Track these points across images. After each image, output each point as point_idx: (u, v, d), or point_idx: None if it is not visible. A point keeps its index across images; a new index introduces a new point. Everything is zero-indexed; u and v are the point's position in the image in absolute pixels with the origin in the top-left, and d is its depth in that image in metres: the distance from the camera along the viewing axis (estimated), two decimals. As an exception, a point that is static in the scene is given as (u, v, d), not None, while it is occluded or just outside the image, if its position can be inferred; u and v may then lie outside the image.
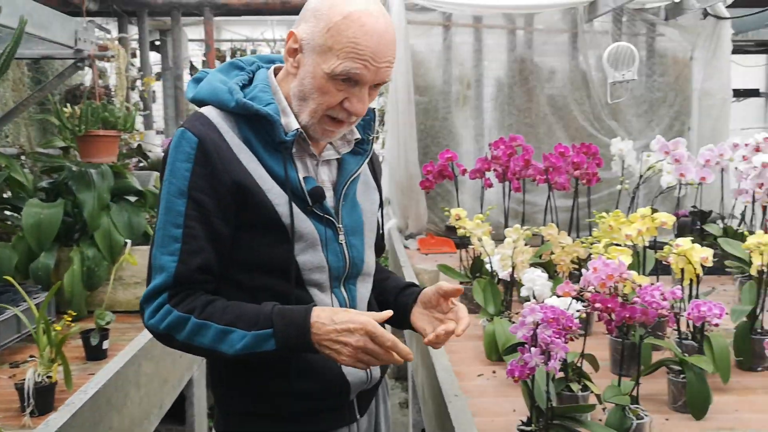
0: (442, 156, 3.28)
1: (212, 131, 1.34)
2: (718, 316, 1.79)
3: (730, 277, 3.18)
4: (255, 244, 1.35)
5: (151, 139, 4.08)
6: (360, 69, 1.30)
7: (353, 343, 1.27)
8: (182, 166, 1.31)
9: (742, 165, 3.03)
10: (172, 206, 1.31)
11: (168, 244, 1.31)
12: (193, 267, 1.31)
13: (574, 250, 2.56)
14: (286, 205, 1.34)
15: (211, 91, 1.40)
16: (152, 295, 1.32)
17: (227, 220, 1.33)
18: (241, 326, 1.29)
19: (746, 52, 6.32)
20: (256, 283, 1.37)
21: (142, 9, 4.53)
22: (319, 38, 1.31)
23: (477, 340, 2.45)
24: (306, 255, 1.37)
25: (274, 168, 1.36)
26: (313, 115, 1.36)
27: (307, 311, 1.30)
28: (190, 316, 1.30)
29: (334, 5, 1.31)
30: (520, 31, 4.63)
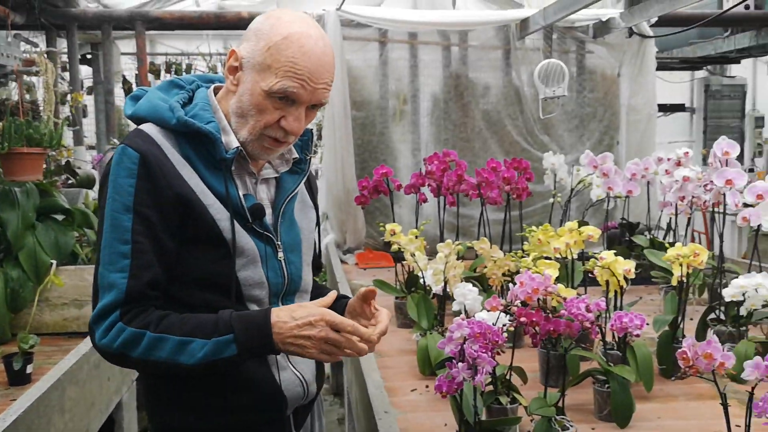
0: (377, 171, 3.30)
1: (153, 147, 1.35)
2: (639, 326, 1.85)
3: (656, 286, 3.28)
4: (196, 260, 1.36)
5: (81, 156, 3.98)
6: (297, 88, 1.33)
7: (315, 335, 1.29)
8: (125, 182, 1.31)
9: (665, 178, 3.13)
10: (118, 223, 1.31)
11: (116, 261, 1.30)
12: (144, 282, 1.31)
13: (505, 263, 2.60)
14: (227, 221, 1.36)
15: (151, 109, 1.41)
16: (103, 314, 1.30)
17: (172, 234, 1.34)
18: (200, 335, 1.30)
19: (672, 68, 6.56)
20: (196, 299, 1.37)
21: (71, 22, 4.42)
22: (259, 56, 1.34)
23: (411, 355, 2.46)
24: (246, 271, 1.39)
25: (215, 185, 1.38)
26: (251, 132, 1.38)
27: (266, 313, 1.32)
28: (145, 331, 1.29)
29: (276, 26, 1.35)
30: (454, 47, 4.71)
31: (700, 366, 1.29)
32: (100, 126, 4.94)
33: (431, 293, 2.66)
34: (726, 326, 2.36)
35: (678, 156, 3.10)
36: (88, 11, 4.48)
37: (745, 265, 2.89)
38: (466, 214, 4.35)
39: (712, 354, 1.28)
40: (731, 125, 6.72)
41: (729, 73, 6.95)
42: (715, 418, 1.41)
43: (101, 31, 4.51)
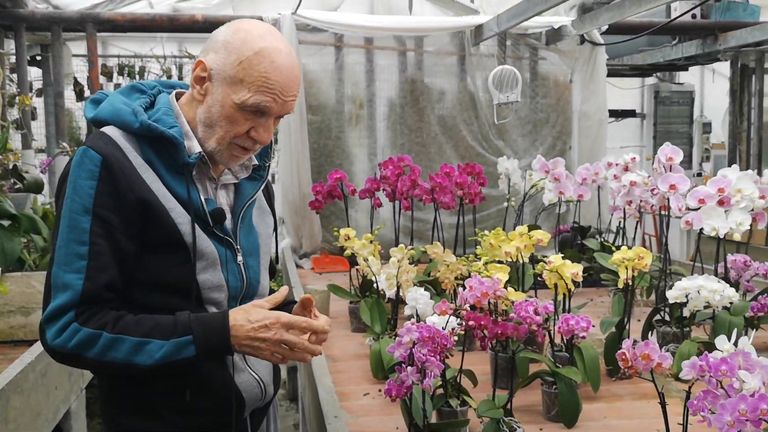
0: (332, 176, 3.31)
1: (116, 149, 1.36)
2: (585, 328, 1.89)
3: (606, 289, 3.35)
4: (156, 263, 1.38)
5: (28, 159, 3.89)
6: (269, 102, 1.37)
7: (271, 337, 1.34)
8: (86, 183, 1.32)
9: (614, 183, 3.20)
10: (77, 224, 1.31)
11: (72, 261, 1.31)
12: (101, 284, 1.32)
13: (458, 267, 2.63)
14: (188, 225, 1.38)
15: (113, 112, 1.42)
16: (56, 314, 1.30)
17: (132, 237, 1.35)
18: (158, 336, 1.31)
19: (622, 75, 6.69)
20: (156, 302, 1.38)
21: (19, 23, 4.32)
22: (230, 70, 1.37)
23: (364, 359, 2.47)
24: (206, 274, 1.41)
25: (177, 189, 1.39)
26: (220, 142, 1.41)
27: (224, 315, 1.35)
28: (101, 332, 1.30)
29: (246, 40, 1.37)
30: (410, 52, 4.74)
31: (639, 366, 1.33)
32: (50, 129, 4.83)
33: (385, 297, 2.67)
34: (671, 327, 2.42)
35: (625, 161, 3.17)
36: (37, 12, 4.39)
37: (691, 267, 2.96)
38: (421, 218, 4.39)
39: (649, 355, 1.32)
40: (680, 131, 6.88)
41: (677, 80, 7.12)
42: (658, 416, 1.45)
43: (51, 33, 4.43)
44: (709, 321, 2.41)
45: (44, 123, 5.09)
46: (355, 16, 4.80)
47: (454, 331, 1.74)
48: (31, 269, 2.86)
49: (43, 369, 2.45)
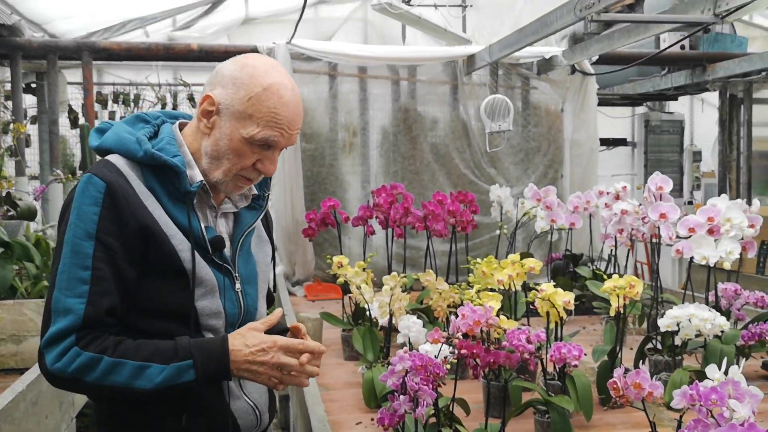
0: (325, 204, 3.32)
1: (119, 177, 1.39)
2: (577, 357, 1.90)
3: (599, 317, 3.35)
4: (156, 289, 1.39)
5: (22, 186, 3.90)
6: (277, 136, 1.42)
7: (269, 360, 1.36)
8: (90, 209, 1.34)
9: (605, 212, 3.22)
10: (80, 249, 1.33)
11: (74, 286, 1.32)
12: (103, 309, 1.33)
13: (450, 295, 2.64)
14: (188, 252, 1.40)
15: (118, 141, 1.45)
16: (57, 339, 1.31)
17: (133, 263, 1.37)
18: (159, 360, 1.33)
19: (613, 104, 6.77)
20: (154, 328, 1.39)
21: (15, 52, 4.35)
22: (239, 105, 1.41)
23: (357, 388, 2.47)
24: (204, 301, 1.43)
25: (178, 217, 1.42)
26: (226, 174, 1.45)
27: (223, 341, 1.37)
28: (102, 356, 1.31)
29: (255, 75, 1.42)
30: (403, 81, 4.79)
31: (630, 395, 1.33)
32: (44, 156, 4.85)
33: (378, 325, 2.67)
34: (662, 355, 2.42)
35: (617, 190, 3.20)
36: (34, 41, 4.43)
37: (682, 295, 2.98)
38: (414, 246, 4.40)
39: (641, 384, 1.33)
40: (671, 159, 6.95)
41: (667, 109, 7.20)
42: (650, 446, 1.46)
43: (47, 61, 4.46)
44: (701, 349, 2.41)
45: (38, 150, 5.11)
46: (349, 45, 4.86)
47: (447, 360, 1.74)
48: (23, 297, 2.85)
49: (34, 398, 2.43)
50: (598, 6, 2.87)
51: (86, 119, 4.55)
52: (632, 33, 3.68)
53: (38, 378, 2.40)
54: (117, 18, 5.38)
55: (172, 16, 5.96)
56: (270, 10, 6.37)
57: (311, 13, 6.36)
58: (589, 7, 2.92)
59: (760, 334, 2.28)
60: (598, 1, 2.89)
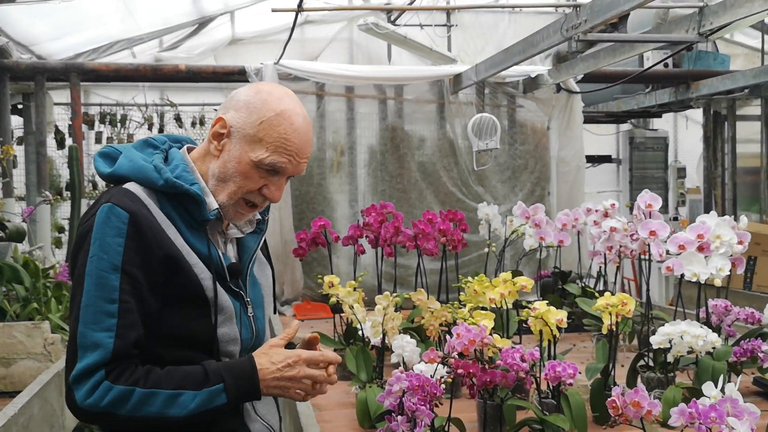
0: (315, 224, 3.32)
1: (141, 206, 1.39)
2: (572, 375, 1.90)
3: (589, 334, 3.36)
4: (178, 317, 1.41)
5: (9, 208, 3.87)
6: (285, 163, 1.44)
7: (296, 375, 1.40)
8: (114, 241, 1.34)
9: (594, 229, 3.25)
10: (106, 281, 1.33)
11: (102, 320, 1.32)
12: (131, 342, 1.34)
13: (442, 314, 2.64)
14: (209, 280, 1.42)
15: (135, 168, 1.45)
16: (85, 374, 1.31)
17: (156, 294, 1.38)
18: (190, 387, 1.34)
19: (598, 121, 6.84)
20: (175, 356, 1.40)
21: (3, 73, 4.34)
22: (251, 129, 1.43)
23: (350, 408, 2.45)
24: (224, 328, 1.45)
25: (197, 245, 1.43)
26: (231, 197, 1.46)
27: (251, 362, 1.40)
28: (134, 388, 1.32)
29: (268, 101, 1.44)
30: (390, 100, 4.81)
31: (629, 414, 1.34)
32: (30, 177, 4.82)
33: (370, 345, 2.66)
34: (655, 372, 2.43)
35: (605, 207, 3.23)
36: (21, 62, 4.42)
37: (671, 311, 3.00)
38: (403, 264, 4.40)
39: (639, 402, 1.34)
40: (655, 176, 7.02)
41: (652, 126, 7.29)
42: (646, 463, 1.46)
43: (35, 83, 4.45)
44: (693, 366, 2.43)
45: (24, 171, 5.08)
46: (336, 65, 4.88)
47: (442, 380, 1.75)
48: (13, 319, 2.82)
49: (25, 421, 2.41)
50: (584, 26, 2.91)
51: (73, 140, 4.53)
52: (617, 52, 3.74)
53: (30, 402, 2.38)
54: (104, 39, 5.38)
55: (159, 36, 5.97)
56: (256, 31, 6.40)
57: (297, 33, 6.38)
58: (576, 27, 2.97)
59: (752, 350, 2.30)
60: (585, 21, 2.93)
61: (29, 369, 2.76)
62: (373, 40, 6.06)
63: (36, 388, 2.48)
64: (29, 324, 2.73)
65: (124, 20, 5.28)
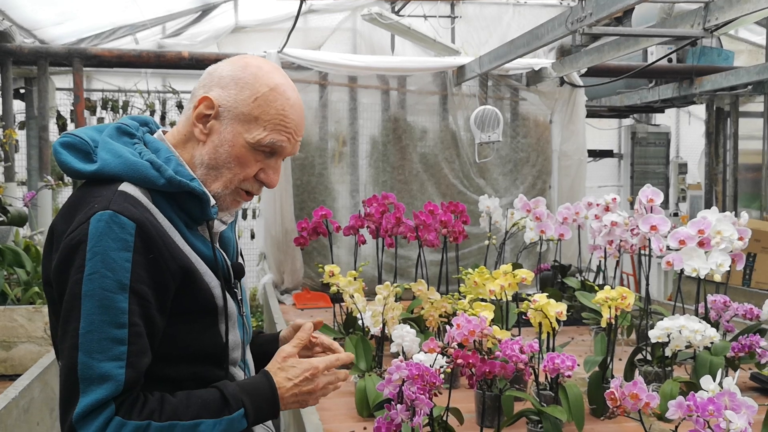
0: (317, 213, 3.33)
1: (146, 213, 1.21)
2: (570, 367, 1.91)
3: (587, 327, 3.38)
4: (189, 332, 1.28)
5: (12, 192, 3.88)
6: (285, 141, 1.30)
7: (315, 388, 1.34)
8: (120, 255, 1.16)
9: (594, 223, 3.25)
10: (112, 303, 1.15)
11: (109, 348, 1.15)
12: (142, 370, 1.19)
13: (442, 305, 2.65)
14: (218, 287, 1.30)
15: (128, 166, 1.25)
16: (93, 411, 1.14)
17: (164, 311, 1.23)
18: (209, 415, 1.22)
19: (601, 116, 6.83)
20: (184, 374, 1.28)
21: (6, 57, 4.33)
22: (244, 107, 1.28)
23: (349, 396, 2.47)
24: (231, 334, 1.35)
25: (201, 248, 1.30)
26: (227, 186, 1.32)
27: (269, 380, 1.30)
28: (149, 422, 1.17)
29: (259, 75, 1.29)
30: (393, 91, 4.81)
31: (627, 406, 1.35)
32: (32, 162, 4.82)
33: (369, 334, 2.68)
34: (652, 366, 2.45)
35: (606, 201, 3.23)
36: (24, 47, 4.41)
37: (670, 306, 3.01)
38: (403, 256, 4.41)
39: (638, 394, 1.34)
40: (656, 171, 7.02)
41: (654, 121, 7.28)
42: (642, 456, 1.47)
43: (37, 67, 4.44)
44: (690, 360, 2.44)
45: (26, 156, 5.08)
46: (339, 55, 4.87)
47: (442, 369, 1.75)
48: (14, 303, 2.83)
49: (26, 405, 2.42)
50: (590, 19, 2.90)
51: (76, 125, 4.54)
52: (622, 46, 3.73)
53: (30, 385, 2.39)
54: (107, 25, 5.38)
55: (162, 23, 5.96)
56: (260, 19, 6.39)
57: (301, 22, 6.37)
58: (581, 20, 2.96)
59: (750, 346, 2.31)
60: (590, 14, 2.92)
61: (30, 352, 2.77)
62: (377, 31, 6.05)
63: (36, 372, 2.49)
64: (30, 308, 2.74)
65: (128, 6, 5.27)
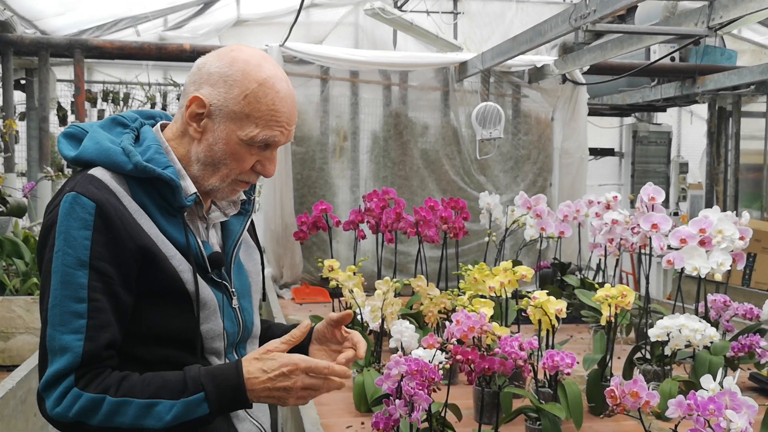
0: (317, 207, 3.32)
1: (109, 195, 1.26)
2: (570, 365, 1.91)
3: (586, 325, 3.37)
4: (156, 314, 1.29)
5: (11, 183, 3.88)
6: (278, 135, 1.31)
7: (291, 386, 1.26)
8: (80, 234, 1.21)
9: (595, 221, 3.25)
10: (72, 279, 1.21)
11: (69, 321, 1.20)
12: (102, 344, 1.22)
13: (442, 301, 2.65)
14: (189, 272, 1.30)
15: (101, 152, 1.30)
16: (55, 381, 1.20)
17: (130, 289, 1.26)
18: (167, 396, 1.22)
19: (602, 114, 6.82)
20: (155, 356, 1.30)
21: (7, 48, 4.32)
22: (234, 105, 1.29)
23: (347, 391, 2.46)
24: (208, 323, 1.34)
25: (173, 234, 1.31)
26: (224, 180, 1.34)
27: (237, 369, 1.26)
28: (105, 396, 1.20)
29: (247, 71, 1.29)
30: (395, 86, 4.80)
31: (627, 404, 1.34)
32: (32, 153, 4.82)
33: (368, 330, 2.67)
34: (651, 365, 2.44)
35: (607, 200, 3.23)
36: (26, 37, 4.40)
37: (669, 305, 3.00)
38: (403, 251, 4.40)
39: (638, 393, 1.34)
40: (657, 170, 7.01)
41: (655, 120, 7.27)
42: (641, 454, 1.46)
43: (38, 58, 4.43)
44: (689, 360, 2.43)
45: (26, 147, 5.07)
46: (341, 49, 4.86)
47: (440, 365, 1.75)
48: (12, 294, 2.83)
49: (23, 395, 2.42)
50: (593, 16, 2.89)
51: (76, 117, 4.53)
52: (625, 43, 3.72)
53: (28, 375, 2.38)
54: (108, 16, 5.37)
55: (164, 15, 5.95)
56: (261, 12, 6.38)
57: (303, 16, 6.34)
58: (584, 17, 2.95)
59: (749, 346, 2.31)
60: (593, 11, 2.91)
61: (28, 343, 2.76)
62: (379, 26, 6.04)
63: (34, 363, 2.48)
64: (29, 299, 2.74)
65: (130, -2, 5.27)
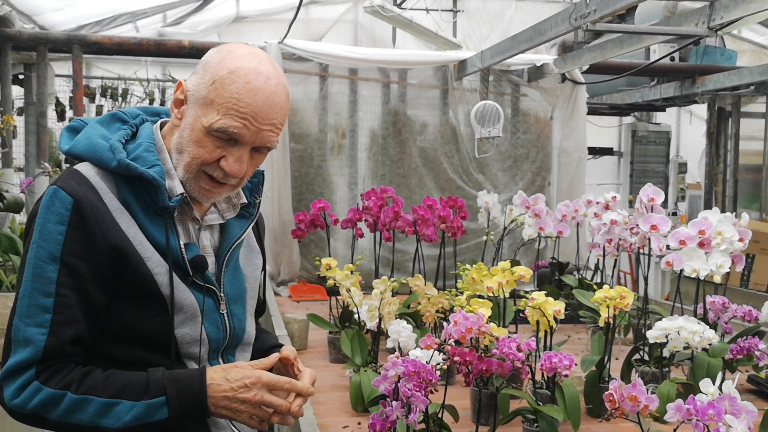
0: (315, 206, 3.31)
1: (89, 191, 1.25)
2: (568, 367, 1.90)
3: (584, 326, 3.36)
4: (130, 315, 1.28)
5: (8, 178, 3.86)
6: (238, 128, 1.25)
7: (251, 398, 1.24)
8: (55, 228, 1.21)
9: (594, 221, 3.24)
10: (42, 272, 1.21)
11: (36, 314, 1.21)
12: (66, 339, 1.22)
13: (439, 301, 2.64)
14: (165, 275, 1.28)
15: (89, 147, 1.30)
16: (15, 372, 1.21)
17: (103, 287, 1.25)
18: (128, 396, 1.22)
19: (601, 113, 6.81)
20: (128, 356, 1.29)
21: (5, 42, 4.30)
22: (203, 90, 1.27)
23: (344, 391, 2.46)
24: (185, 328, 1.32)
25: (155, 234, 1.29)
26: (187, 170, 1.30)
27: (201, 375, 1.25)
28: (65, 392, 1.21)
29: (224, 59, 1.28)
30: (394, 84, 4.78)
31: (626, 408, 1.34)
32: (30, 148, 4.80)
33: (365, 329, 2.66)
34: (649, 367, 2.43)
35: (606, 200, 3.22)
36: (24, 32, 4.38)
37: (667, 306, 3.00)
38: (401, 250, 4.39)
39: (637, 396, 1.33)
40: (656, 170, 7.00)
41: (655, 120, 7.26)
42: (639, 457, 1.46)
43: (37, 53, 4.41)
44: (688, 362, 2.43)
45: (23, 142, 5.05)
46: (340, 47, 4.85)
47: (438, 366, 1.74)
48: (8, 290, 2.82)
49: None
50: (593, 15, 2.88)
51: (74, 112, 4.51)
52: (624, 43, 3.71)
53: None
54: (108, 12, 5.35)
55: (163, 11, 5.93)
56: (261, 9, 6.36)
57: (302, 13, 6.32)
58: (585, 17, 2.94)
59: (748, 348, 2.30)
60: (594, 11, 2.90)
61: (23, 341, 2.75)
62: (378, 23, 6.01)
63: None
64: (24, 296, 2.73)
65: (129, -7, 5.25)
